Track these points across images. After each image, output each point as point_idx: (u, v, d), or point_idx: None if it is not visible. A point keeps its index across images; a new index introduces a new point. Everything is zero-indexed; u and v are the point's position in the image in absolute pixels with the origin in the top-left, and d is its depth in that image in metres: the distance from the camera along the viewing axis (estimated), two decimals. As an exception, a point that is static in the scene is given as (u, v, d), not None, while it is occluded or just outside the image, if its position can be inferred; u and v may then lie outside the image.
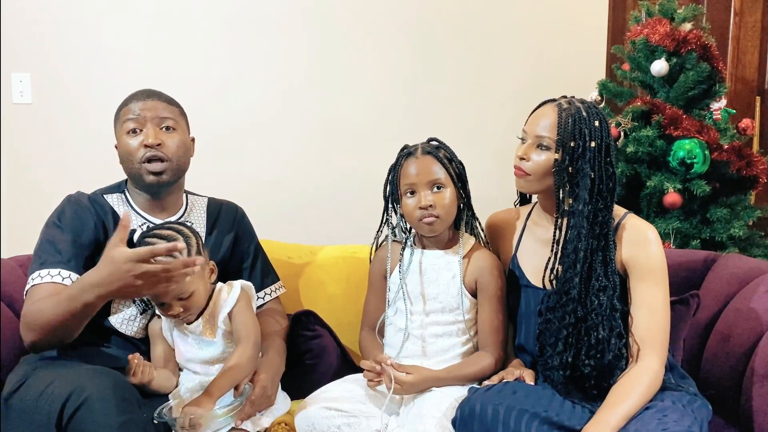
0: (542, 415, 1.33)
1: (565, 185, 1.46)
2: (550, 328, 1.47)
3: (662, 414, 1.31)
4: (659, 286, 1.46)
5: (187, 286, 1.46)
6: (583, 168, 1.44)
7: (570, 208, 1.46)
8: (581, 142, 1.44)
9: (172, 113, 1.64)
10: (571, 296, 1.44)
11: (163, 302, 1.47)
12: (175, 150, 1.62)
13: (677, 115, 2.23)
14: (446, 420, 1.40)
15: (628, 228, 1.49)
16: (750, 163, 2.24)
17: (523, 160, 1.49)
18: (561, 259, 1.48)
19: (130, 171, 1.62)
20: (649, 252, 1.46)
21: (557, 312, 1.46)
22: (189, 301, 1.49)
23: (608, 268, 1.45)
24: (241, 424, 1.46)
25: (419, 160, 1.58)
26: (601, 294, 1.43)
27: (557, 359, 1.45)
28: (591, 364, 1.42)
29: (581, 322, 1.44)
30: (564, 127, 1.45)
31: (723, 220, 2.22)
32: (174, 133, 1.63)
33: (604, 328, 1.42)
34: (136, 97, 1.64)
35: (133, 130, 1.60)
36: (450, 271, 1.61)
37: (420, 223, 1.57)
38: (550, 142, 1.46)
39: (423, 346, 1.60)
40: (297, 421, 1.51)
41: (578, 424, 1.34)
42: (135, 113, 1.60)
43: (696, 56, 2.28)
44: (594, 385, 1.43)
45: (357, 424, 1.47)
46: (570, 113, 1.46)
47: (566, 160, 1.45)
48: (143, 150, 1.58)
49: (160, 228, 1.53)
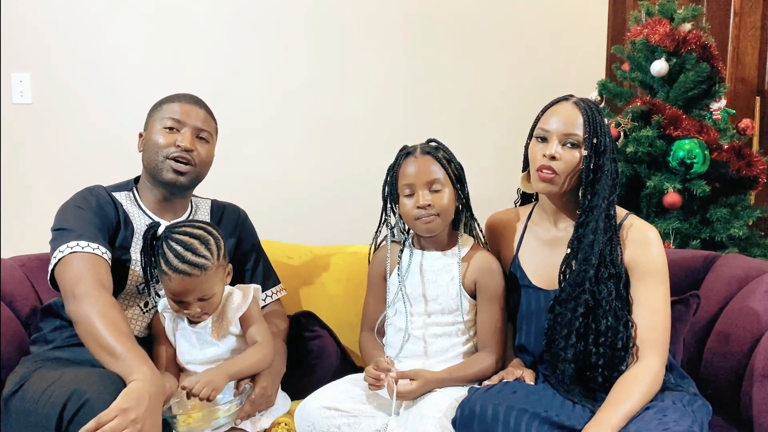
0: (542, 415, 1.33)
1: (590, 182, 1.48)
2: (562, 321, 1.48)
3: (662, 414, 1.31)
4: (660, 287, 1.46)
5: (210, 288, 1.46)
6: (605, 164, 1.47)
7: (589, 203, 1.48)
8: (602, 139, 1.48)
9: (210, 127, 1.68)
10: (584, 287, 1.45)
11: (183, 300, 1.46)
12: (203, 159, 1.64)
13: (677, 115, 2.23)
14: (446, 420, 1.40)
15: (629, 228, 1.50)
16: (750, 163, 2.24)
17: (554, 159, 1.48)
18: (577, 255, 1.49)
19: (152, 163, 1.62)
20: (651, 252, 1.47)
21: (569, 304, 1.47)
22: (208, 303, 1.48)
23: (615, 257, 1.46)
24: (240, 424, 1.46)
25: (418, 160, 1.58)
26: (610, 282, 1.45)
27: (571, 351, 1.45)
28: (600, 352, 1.43)
29: (592, 312, 1.45)
30: (592, 125, 1.47)
31: (723, 220, 2.21)
32: (206, 144, 1.66)
33: (612, 317, 1.44)
34: (182, 99, 1.66)
35: (170, 128, 1.61)
36: (449, 273, 1.61)
37: (417, 223, 1.57)
38: (578, 140, 1.48)
39: (423, 346, 1.60)
40: (297, 421, 1.51)
41: (578, 423, 1.34)
42: (178, 113, 1.62)
43: (696, 56, 2.28)
44: (601, 374, 1.44)
45: (357, 424, 1.46)
46: (592, 110, 1.49)
47: (592, 157, 1.47)
48: (174, 149, 1.60)
49: (189, 226, 1.51)
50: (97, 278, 1.43)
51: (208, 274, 1.44)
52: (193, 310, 1.46)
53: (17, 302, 1.70)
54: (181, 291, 1.44)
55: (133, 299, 1.59)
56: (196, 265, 1.42)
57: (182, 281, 1.43)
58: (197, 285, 1.44)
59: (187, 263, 1.42)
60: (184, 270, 1.42)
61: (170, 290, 1.46)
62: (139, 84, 2.53)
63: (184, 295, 1.45)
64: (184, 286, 1.43)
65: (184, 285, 1.43)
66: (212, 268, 1.45)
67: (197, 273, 1.43)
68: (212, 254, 1.46)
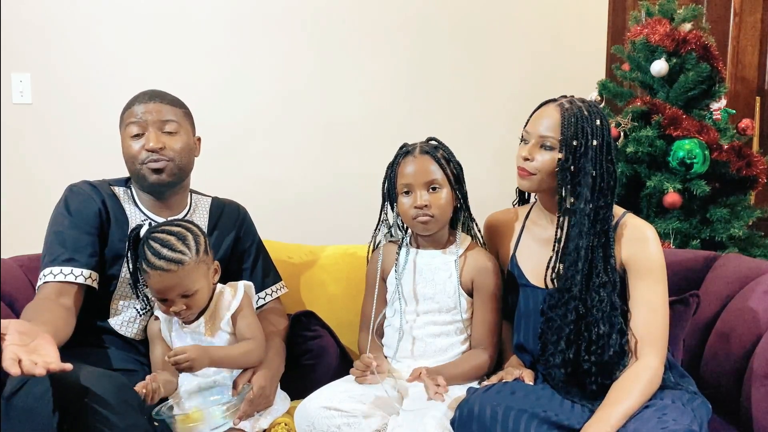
0: (541, 415, 1.33)
1: (567, 184, 1.47)
2: (552, 326, 1.48)
3: (662, 412, 1.31)
4: (658, 285, 1.46)
5: (191, 284, 1.46)
6: (585, 166, 1.45)
7: (572, 206, 1.47)
8: (583, 141, 1.45)
9: (176, 115, 1.63)
10: (573, 293, 1.44)
11: (166, 298, 1.47)
12: (177, 152, 1.61)
13: (677, 115, 2.23)
14: (446, 420, 1.40)
15: (627, 227, 1.50)
16: (750, 163, 2.24)
17: (527, 160, 1.49)
18: (562, 258, 1.49)
19: (134, 173, 1.63)
20: (648, 250, 1.47)
21: (559, 309, 1.46)
22: (192, 300, 1.48)
23: (608, 265, 1.45)
24: (239, 424, 1.46)
25: (417, 159, 1.58)
26: (602, 290, 1.43)
27: (559, 357, 1.45)
28: (592, 360, 1.42)
29: (582, 319, 1.44)
30: (567, 127, 1.45)
31: (723, 220, 2.22)
32: (176, 136, 1.62)
33: (604, 324, 1.42)
34: (139, 100, 1.63)
35: (136, 135, 1.60)
36: (446, 271, 1.61)
37: (414, 222, 1.58)
38: (553, 142, 1.47)
39: (422, 346, 1.60)
40: (296, 421, 1.51)
41: (578, 423, 1.35)
42: (137, 116, 1.60)
43: (696, 56, 2.28)
44: (594, 381, 1.43)
45: (357, 424, 1.46)
46: (572, 112, 1.46)
47: (569, 159, 1.45)
48: (145, 153, 1.59)
49: (169, 224, 1.52)
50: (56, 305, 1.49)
51: (186, 269, 1.44)
52: (178, 307, 1.46)
53: (17, 302, 1.69)
54: (161, 288, 1.45)
55: (129, 301, 1.60)
56: (173, 260, 1.43)
57: (161, 278, 1.43)
58: (177, 281, 1.44)
59: (164, 259, 1.43)
60: (161, 266, 1.42)
61: (153, 288, 1.47)
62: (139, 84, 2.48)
63: (165, 292, 1.45)
64: (164, 282, 1.44)
65: (163, 281, 1.44)
66: (190, 264, 1.45)
67: (174, 268, 1.43)
68: (190, 249, 1.46)
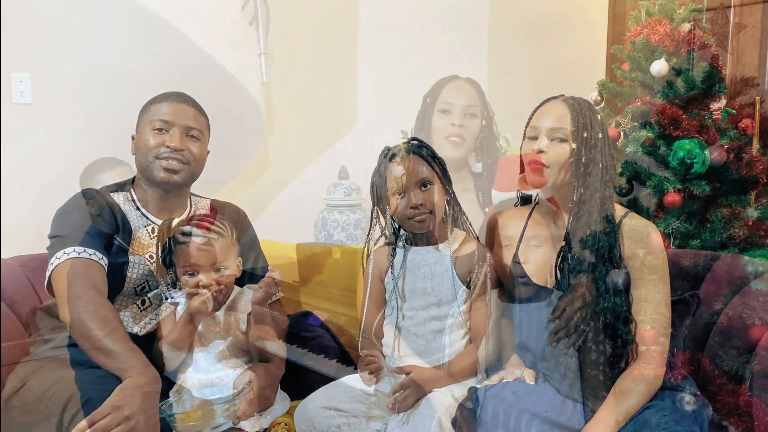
0: (542, 415, 1.33)
1: (580, 175, 1.48)
2: (561, 317, 1.48)
3: (662, 414, 1.31)
4: (660, 284, 1.46)
5: (225, 257, 1.53)
6: (595, 157, 1.48)
7: (581, 197, 1.48)
8: (592, 133, 1.48)
9: (200, 124, 1.67)
10: (581, 283, 1.45)
11: (197, 271, 1.51)
12: (196, 157, 1.65)
13: (677, 115, 2.23)
14: (446, 420, 1.40)
15: (629, 226, 1.50)
16: (750, 163, 2.24)
17: (542, 152, 1.50)
18: (572, 249, 1.49)
19: (143, 164, 1.63)
20: (651, 250, 1.47)
21: (567, 298, 1.47)
22: (221, 277, 1.53)
23: (612, 254, 1.46)
24: (239, 424, 1.46)
25: (404, 160, 1.58)
26: (608, 279, 1.45)
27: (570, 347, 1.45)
28: (601, 349, 1.43)
29: (590, 307, 1.45)
30: (578, 118, 1.48)
31: (723, 220, 2.22)
32: (198, 142, 1.66)
33: (611, 313, 1.43)
34: (170, 98, 1.65)
35: (159, 129, 1.61)
36: (442, 265, 1.61)
37: (411, 222, 1.58)
38: (565, 133, 1.48)
39: (422, 343, 1.60)
40: (296, 421, 1.51)
41: (578, 423, 1.35)
42: (165, 113, 1.62)
43: (696, 56, 2.28)
44: (602, 372, 1.43)
45: (357, 424, 1.47)
46: (580, 106, 1.49)
47: (582, 149, 1.47)
48: (163, 149, 1.60)
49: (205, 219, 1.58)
50: (90, 282, 1.45)
51: (223, 242, 1.53)
52: (208, 279, 1.50)
53: (17, 302, 1.70)
54: (198, 255, 1.50)
55: (131, 299, 1.60)
56: (214, 231, 1.53)
57: (199, 246, 1.50)
58: (214, 251, 1.51)
59: (204, 228, 1.52)
60: (201, 234, 1.51)
61: (187, 258, 1.51)
62: (139, 85, 2.51)
63: (201, 259, 1.50)
64: (200, 250, 1.50)
65: (200, 249, 1.50)
66: (227, 240, 1.54)
67: (214, 237, 1.52)
68: (226, 230, 1.55)
